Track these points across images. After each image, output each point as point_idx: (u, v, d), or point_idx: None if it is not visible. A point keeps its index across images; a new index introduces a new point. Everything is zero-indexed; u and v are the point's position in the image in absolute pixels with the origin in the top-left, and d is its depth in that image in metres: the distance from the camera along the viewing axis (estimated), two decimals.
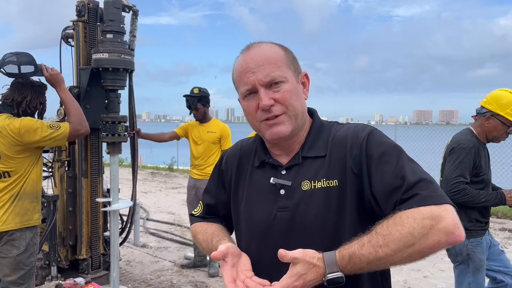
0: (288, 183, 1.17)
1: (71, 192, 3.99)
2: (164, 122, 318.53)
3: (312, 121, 1.26)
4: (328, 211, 1.12)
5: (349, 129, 1.19)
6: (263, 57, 1.14)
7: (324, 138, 1.20)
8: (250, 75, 1.14)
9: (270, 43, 1.20)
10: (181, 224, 7.11)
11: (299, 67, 1.22)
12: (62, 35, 4.00)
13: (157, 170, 14.76)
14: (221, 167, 1.39)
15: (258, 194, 1.23)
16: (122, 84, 3.75)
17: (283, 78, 1.14)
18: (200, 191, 4.82)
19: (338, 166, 1.14)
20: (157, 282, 4.57)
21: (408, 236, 0.96)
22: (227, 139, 4.81)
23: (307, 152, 1.19)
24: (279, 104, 1.14)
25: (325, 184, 1.13)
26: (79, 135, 3.01)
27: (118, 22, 3.64)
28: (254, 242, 1.22)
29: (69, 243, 4.02)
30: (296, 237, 1.15)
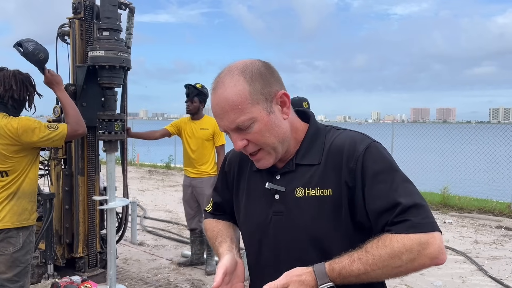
0: (282, 189, 1.20)
1: (68, 190, 3.98)
2: (161, 120, 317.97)
3: (308, 127, 1.26)
4: (321, 218, 1.15)
5: (346, 138, 1.19)
6: (226, 102, 1.12)
7: (319, 145, 1.21)
8: (219, 121, 1.17)
9: (236, 76, 1.13)
10: (178, 222, 7.11)
11: (272, 89, 1.15)
12: (58, 32, 3.98)
13: (154, 168, 14.75)
14: (225, 168, 1.43)
15: (255, 197, 1.27)
16: (119, 82, 3.74)
17: (249, 120, 1.13)
18: (196, 190, 4.82)
19: (333, 176, 1.15)
20: (154, 280, 4.57)
21: (396, 259, 1.03)
22: (220, 135, 4.79)
23: (301, 159, 1.21)
24: (253, 143, 1.17)
25: (319, 192, 1.16)
26: (76, 136, 3.01)
27: (114, 20, 3.62)
28: (253, 243, 1.28)
29: (65, 241, 4.02)
30: (291, 241, 1.19)
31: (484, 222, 7.33)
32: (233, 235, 1.36)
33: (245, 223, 1.31)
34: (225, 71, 1.17)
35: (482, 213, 7.93)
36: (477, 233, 6.65)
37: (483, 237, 6.43)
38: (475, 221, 7.45)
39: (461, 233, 6.64)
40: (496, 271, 4.97)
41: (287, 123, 1.20)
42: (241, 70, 1.15)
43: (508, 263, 5.28)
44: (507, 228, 6.95)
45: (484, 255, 5.58)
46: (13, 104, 2.74)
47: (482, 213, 7.93)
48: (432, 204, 8.57)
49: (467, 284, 4.57)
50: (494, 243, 6.14)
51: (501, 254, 5.62)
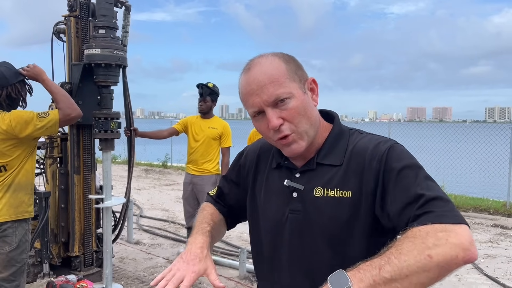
0: (300, 187, 1.19)
1: (63, 188, 3.96)
2: (158, 119, 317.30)
3: (332, 127, 1.24)
4: (338, 219, 1.13)
5: (370, 141, 1.17)
6: (265, 76, 1.11)
7: (341, 147, 1.19)
8: (254, 98, 1.13)
9: (270, 57, 1.16)
10: (175, 221, 7.10)
11: (304, 74, 1.17)
12: (54, 30, 3.96)
13: (150, 167, 14.71)
14: (240, 161, 1.41)
15: (273, 194, 1.25)
16: (115, 80, 3.73)
17: (288, 94, 1.11)
18: (196, 187, 4.81)
19: (354, 178, 1.13)
20: (151, 279, 4.56)
21: (422, 246, 0.91)
22: (227, 137, 4.81)
23: (322, 159, 1.19)
24: (288, 122, 1.13)
25: (338, 194, 1.13)
26: (71, 120, 2.94)
27: (110, 18, 3.61)
28: (269, 239, 1.26)
29: (61, 240, 4.00)
30: (306, 239, 1.17)
31: (480, 221, 7.36)
32: (213, 227, 1.32)
33: (260, 219, 1.28)
34: (257, 56, 1.18)
35: (478, 211, 7.96)
36: (472, 231, 6.67)
37: (479, 235, 6.46)
38: (471, 219, 7.47)
39: None
40: (492, 269, 4.99)
41: (316, 111, 1.19)
42: (274, 54, 1.17)
43: (503, 261, 5.30)
44: (503, 226, 6.98)
45: (480, 253, 5.59)
46: (8, 103, 2.74)
47: (478, 211, 7.96)
48: None
49: (463, 283, 4.58)
50: (490, 241, 6.16)
51: (497, 253, 5.64)
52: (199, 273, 1.12)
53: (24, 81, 2.84)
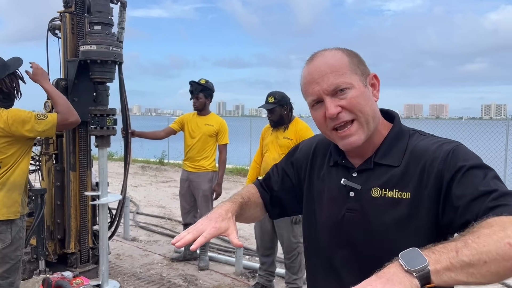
0: (358, 187, 1.18)
1: (59, 185, 3.95)
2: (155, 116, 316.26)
3: (392, 127, 1.22)
4: (396, 220, 1.12)
5: (432, 142, 1.15)
6: (326, 66, 1.13)
7: (401, 147, 1.17)
8: (314, 86, 1.14)
9: (333, 50, 1.18)
10: (171, 218, 7.10)
11: (366, 69, 1.19)
12: (49, 26, 3.94)
13: (147, 164, 14.69)
14: (295, 155, 1.41)
15: (330, 192, 1.25)
16: (111, 77, 3.71)
17: (348, 84, 1.12)
18: (193, 184, 4.81)
19: (414, 179, 1.11)
20: (147, 275, 4.57)
21: (502, 234, 0.86)
22: (224, 134, 4.81)
23: (380, 158, 1.18)
24: (347, 111, 1.12)
25: (397, 195, 1.12)
26: (69, 125, 2.96)
27: (106, 14, 3.59)
28: (325, 238, 1.25)
29: (57, 237, 3.99)
30: (363, 239, 1.17)
31: None
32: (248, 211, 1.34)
33: (318, 216, 1.28)
34: (320, 50, 1.20)
35: None
36: None
37: None
38: None
39: None
40: None
41: (377, 106, 1.19)
42: (338, 48, 1.19)
43: None
44: None
45: None
46: (2, 97, 2.72)
47: None
48: None
49: None
50: None
51: None
52: (220, 229, 1.12)
53: (14, 73, 2.80)
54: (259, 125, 16.75)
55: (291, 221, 3.84)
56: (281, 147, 3.90)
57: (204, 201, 4.78)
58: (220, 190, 4.88)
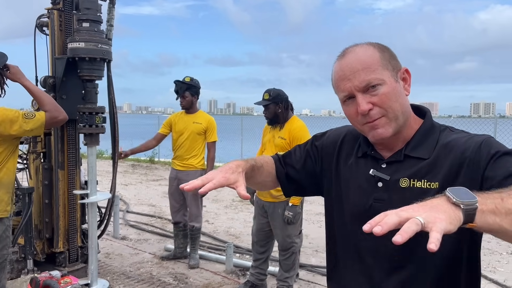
0: (386, 177, 1.20)
1: (47, 184, 3.91)
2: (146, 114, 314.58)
3: (423, 121, 1.24)
4: None
5: (462, 136, 1.17)
6: (358, 62, 1.15)
7: (431, 141, 1.19)
8: (346, 82, 1.16)
9: (365, 45, 1.19)
10: (162, 216, 7.08)
11: (398, 64, 1.20)
12: (37, 23, 3.90)
13: (138, 162, 14.61)
14: (322, 140, 1.42)
15: (357, 182, 1.26)
16: (99, 74, 3.68)
17: (379, 80, 1.14)
18: (181, 182, 4.75)
19: (444, 170, 1.13)
20: (137, 274, 4.55)
21: None
22: (212, 131, 4.79)
23: (411, 151, 1.19)
24: (378, 107, 1.15)
25: (425, 185, 1.14)
26: (57, 123, 2.93)
27: (94, 11, 3.56)
28: (352, 227, 1.26)
29: (45, 236, 3.96)
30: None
31: None
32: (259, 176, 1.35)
33: (344, 206, 1.30)
34: (352, 45, 1.21)
35: None
36: None
37: None
38: None
39: None
40: None
41: (408, 100, 1.21)
42: (370, 43, 1.20)
43: (486, 254, 5.39)
44: None
45: None
46: None
47: None
48: None
49: None
50: None
51: None
52: (229, 180, 1.14)
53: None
54: (250, 123, 16.74)
55: (285, 221, 3.84)
56: (276, 147, 3.86)
57: (193, 200, 4.77)
58: None
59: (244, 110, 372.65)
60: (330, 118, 8.84)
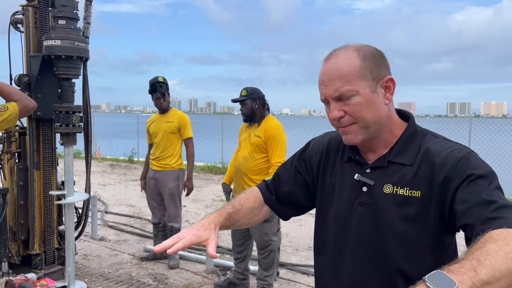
0: (371, 182, 1.23)
1: (22, 185, 3.82)
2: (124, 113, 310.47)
3: (407, 127, 1.27)
4: (406, 217, 1.17)
5: (445, 147, 1.19)
6: (337, 70, 1.18)
7: (414, 147, 1.22)
8: (323, 88, 1.21)
9: (350, 52, 1.19)
10: (141, 217, 7.00)
11: (381, 72, 1.20)
12: (11, 20, 3.80)
13: (116, 162, 14.42)
14: (306, 152, 1.44)
15: (343, 186, 1.30)
16: (76, 73, 3.61)
17: (353, 91, 1.16)
18: (159, 183, 4.76)
19: (425, 180, 1.16)
20: (116, 275, 4.49)
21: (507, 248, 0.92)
22: (185, 127, 4.75)
23: (394, 157, 1.23)
24: (349, 116, 1.19)
25: (408, 193, 1.17)
26: (29, 111, 2.90)
27: (71, 8, 3.49)
28: (337, 230, 1.30)
29: (20, 238, 3.86)
30: (373, 232, 1.21)
31: None
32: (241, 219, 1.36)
33: (329, 210, 1.32)
34: (341, 47, 1.24)
35: None
36: None
37: None
38: None
39: None
40: None
41: (386, 109, 1.22)
42: (356, 48, 1.21)
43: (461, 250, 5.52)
44: None
45: None
46: None
47: None
48: None
49: None
50: None
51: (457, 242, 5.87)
52: (200, 238, 1.17)
53: None
54: (230, 122, 16.68)
55: None
56: (251, 145, 3.84)
57: (171, 200, 4.74)
58: (191, 185, 4.84)
59: (225, 109, 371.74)
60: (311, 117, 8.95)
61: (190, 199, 8.31)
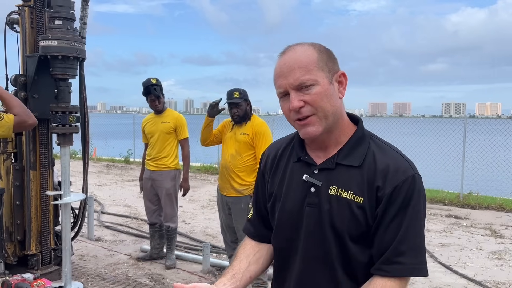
0: (318, 183, 1.26)
1: (19, 185, 3.82)
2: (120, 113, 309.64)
3: (356, 130, 1.30)
4: (347, 219, 1.22)
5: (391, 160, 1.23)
6: (295, 61, 1.20)
7: (362, 150, 1.25)
8: (282, 80, 1.22)
9: (306, 45, 1.24)
10: (137, 217, 7.00)
11: (335, 67, 1.25)
12: (7, 20, 3.80)
13: (112, 163, 14.39)
14: (261, 168, 1.46)
15: (292, 186, 1.32)
16: (73, 73, 3.62)
17: (312, 81, 1.19)
18: (155, 183, 4.76)
19: (368, 188, 1.21)
20: (112, 275, 4.49)
21: None
22: (181, 128, 4.76)
23: (342, 159, 1.25)
24: (309, 105, 1.20)
25: (351, 197, 1.22)
26: (26, 127, 2.86)
27: (67, 8, 3.50)
28: (286, 230, 1.32)
29: (16, 238, 3.86)
30: (320, 232, 1.25)
31: (435, 212, 7.69)
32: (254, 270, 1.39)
33: (279, 210, 1.34)
34: (295, 43, 1.27)
35: (433, 203, 8.31)
36: (428, 221, 6.96)
37: (434, 225, 6.74)
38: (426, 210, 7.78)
39: None
40: (446, 257, 5.23)
41: (340, 103, 1.26)
42: (310, 43, 1.25)
43: (456, 250, 5.57)
44: (456, 217, 7.32)
45: (435, 242, 5.85)
46: None
47: (433, 203, 8.31)
48: None
49: None
50: (444, 231, 6.45)
51: (450, 242, 5.91)
52: None
53: None
54: None
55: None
56: (238, 143, 3.89)
57: (168, 200, 4.74)
58: (187, 185, 4.85)
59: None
60: None
61: (187, 199, 8.31)
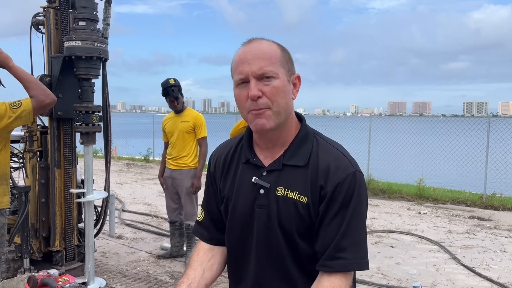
0: (267, 185, 1.28)
1: (44, 183, 3.91)
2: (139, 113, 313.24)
3: (300, 129, 1.32)
4: (293, 219, 1.25)
5: (332, 157, 1.25)
6: (261, 51, 1.22)
7: (306, 150, 1.28)
8: (245, 66, 1.21)
9: (270, 41, 1.26)
10: (158, 215, 7.07)
11: (293, 68, 1.28)
12: (32, 22, 3.89)
13: (132, 161, 14.58)
14: (211, 169, 1.46)
15: (242, 188, 1.33)
16: (96, 73, 3.68)
17: (274, 74, 1.20)
18: (176, 181, 4.81)
19: (312, 188, 1.24)
20: (133, 272, 4.55)
21: None
22: (200, 127, 4.79)
23: (288, 160, 1.28)
24: (266, 98, 1.20)
25: (296, 197, 1.25)
26: (45, 106, 2.82)
27: (91, 9, 3.56)
28: (238, 231, 1.34)
29: (42, 235, 3.95)
30: (270, 233, 1.28)
31: (457, 213, 7.55)
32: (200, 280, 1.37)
33: (231, 212, 1.35)
34: (259, 37, 1.28)
35: (456, 204, 8.16)
36: (450, 223, 6.84)
37: (456, 227, 6.62)
38: (449, 211, 7.65)
39: (436, 223, 6.82)
40: (469, 259, 5.13)
41: (293, 103, 1.28)
42: (274, 41, 1.28)
43: (480, 251, 5.45)
44: (479, 218, 7.17)
45: (457, 244, 5.74)
46: None
47: (456, 204, 8.16)
48: (408, 195, 8.76)
49: (441, 272, 4.70)
50: (467, 232, 6.33)
51: (473, 243, 5.80)
52: None
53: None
54: None
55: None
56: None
57: (188, 198, 4.78)
58: (198, 183, 4.87)
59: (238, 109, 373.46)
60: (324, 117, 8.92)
61: (199, 197, 8.38)
